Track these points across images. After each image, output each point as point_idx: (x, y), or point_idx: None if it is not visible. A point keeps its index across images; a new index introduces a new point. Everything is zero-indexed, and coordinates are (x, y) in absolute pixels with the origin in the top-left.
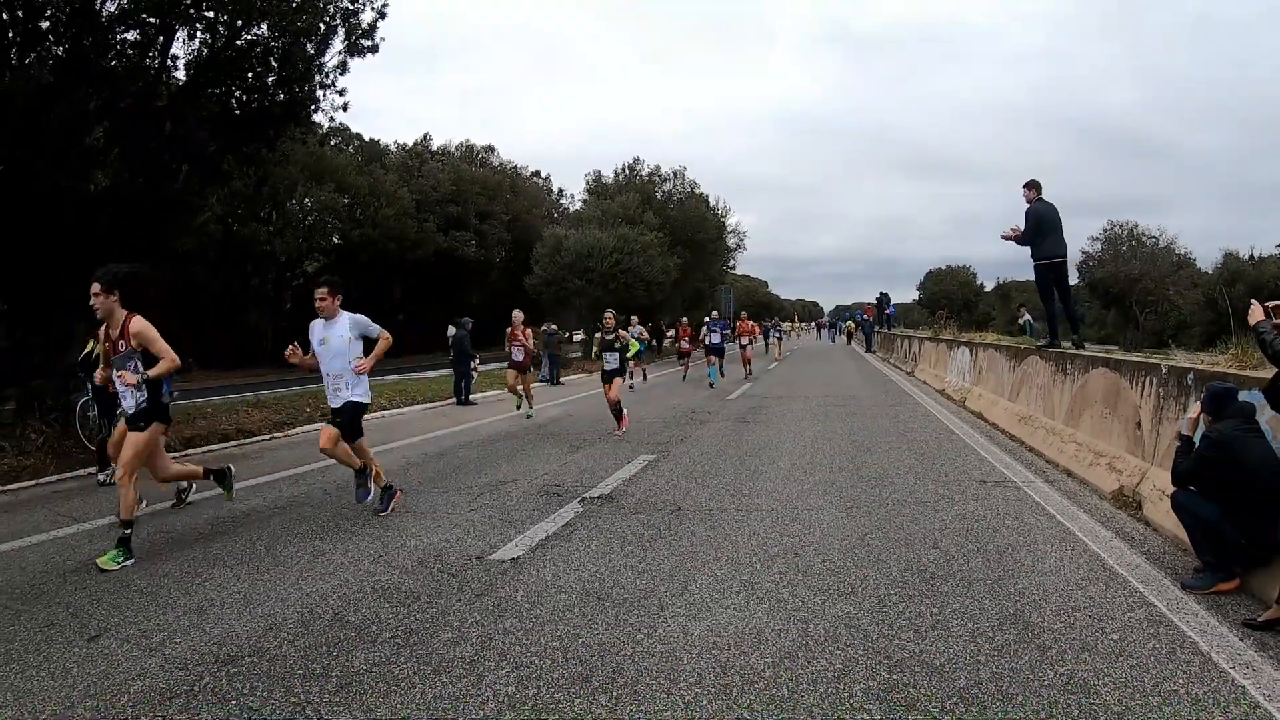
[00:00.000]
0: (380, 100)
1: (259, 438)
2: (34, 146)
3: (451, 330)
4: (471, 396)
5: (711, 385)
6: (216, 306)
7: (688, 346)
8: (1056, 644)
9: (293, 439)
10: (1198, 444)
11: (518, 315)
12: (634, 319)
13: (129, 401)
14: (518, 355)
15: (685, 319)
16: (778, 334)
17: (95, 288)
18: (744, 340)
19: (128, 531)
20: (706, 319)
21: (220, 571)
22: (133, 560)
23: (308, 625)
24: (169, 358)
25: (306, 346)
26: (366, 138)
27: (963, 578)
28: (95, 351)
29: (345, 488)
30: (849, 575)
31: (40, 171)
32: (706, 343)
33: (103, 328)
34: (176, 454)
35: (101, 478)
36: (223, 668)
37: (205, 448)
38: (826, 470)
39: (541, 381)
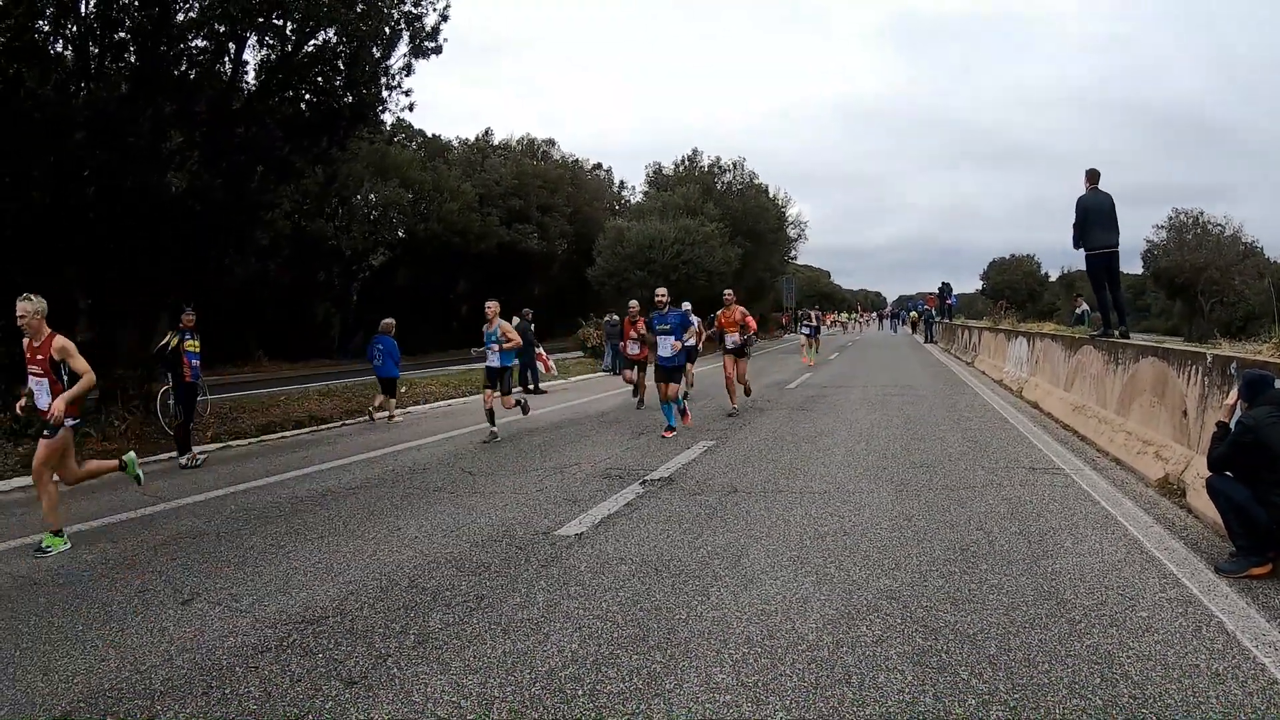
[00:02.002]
0: (441, 93)
1: (332, 424)
2: (118, 150)
3: (515, 321)
4: (537, 385)
5: (669, 430)
6: (286, 299)
7: (638, 352)
8: (1086, 619)
9: (363, 425)
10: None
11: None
12: (490, 306)
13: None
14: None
15: (635, 303)
16: (808, 328)
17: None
18: (730, 340)
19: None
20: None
21: (302, 544)
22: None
23: (386, 591)
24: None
25: None
26: (429, 133)
27: (1003, 557)
28: (172, 344)
29: (417, 470)
30: (893, 552)
31: (126, 174)
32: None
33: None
34: (253, 440)
35: (183, 461)
36: (309, 627)
37: (280, 433)
38: (880, 456)
39: (604, 371)
